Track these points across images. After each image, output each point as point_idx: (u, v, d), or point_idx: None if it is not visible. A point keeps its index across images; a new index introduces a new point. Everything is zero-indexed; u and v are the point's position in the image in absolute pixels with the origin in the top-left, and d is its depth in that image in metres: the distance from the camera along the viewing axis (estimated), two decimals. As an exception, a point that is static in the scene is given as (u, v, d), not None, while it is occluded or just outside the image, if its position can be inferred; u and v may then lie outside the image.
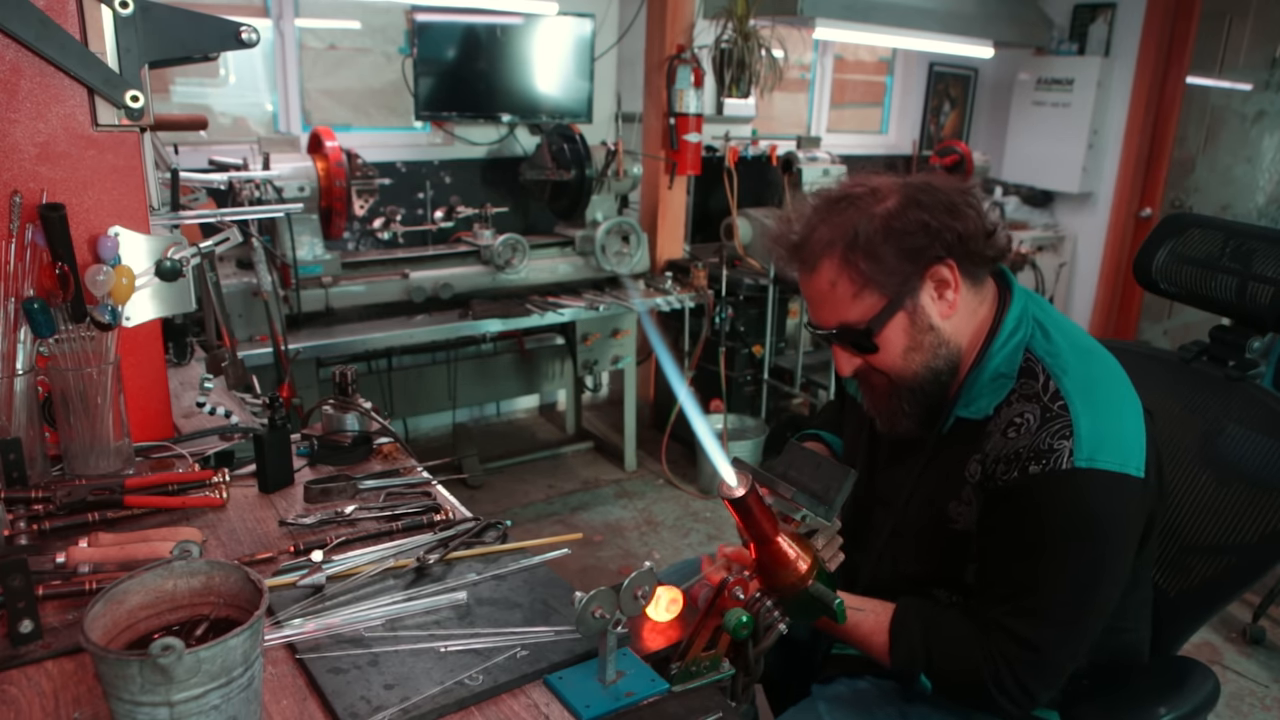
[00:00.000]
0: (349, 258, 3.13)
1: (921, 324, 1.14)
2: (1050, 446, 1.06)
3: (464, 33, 3.54)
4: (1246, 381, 1.43)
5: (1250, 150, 4.40)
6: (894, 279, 1.11)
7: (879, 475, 1.32)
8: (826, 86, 5.09)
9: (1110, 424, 1.08)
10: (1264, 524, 1.33)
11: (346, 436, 1.51)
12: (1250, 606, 2.86)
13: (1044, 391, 1.10)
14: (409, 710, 0.91)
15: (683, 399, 1.34)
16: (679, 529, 3.45)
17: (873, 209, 1.12)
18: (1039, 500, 1.07)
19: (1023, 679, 1.10)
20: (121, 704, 0.75)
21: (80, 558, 1.08)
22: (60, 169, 1.29)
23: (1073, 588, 1.09)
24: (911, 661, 1.15)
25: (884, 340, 1.14)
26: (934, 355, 1.15)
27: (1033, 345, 1.15)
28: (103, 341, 1.30)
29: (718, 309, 3.73)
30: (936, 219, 1.10)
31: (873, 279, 1.11)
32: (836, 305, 1.14)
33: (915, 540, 1.25)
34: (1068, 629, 1.10)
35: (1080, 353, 1.15)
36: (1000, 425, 1.12)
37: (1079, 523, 1.06)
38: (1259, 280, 1.40)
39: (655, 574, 0.98)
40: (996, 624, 1.11)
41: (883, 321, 1.13)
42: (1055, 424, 1.07)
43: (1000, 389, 1.14)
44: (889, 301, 1.12)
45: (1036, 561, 1.09)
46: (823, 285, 1.14)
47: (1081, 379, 1.11)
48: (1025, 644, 1.09)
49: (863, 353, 1.17)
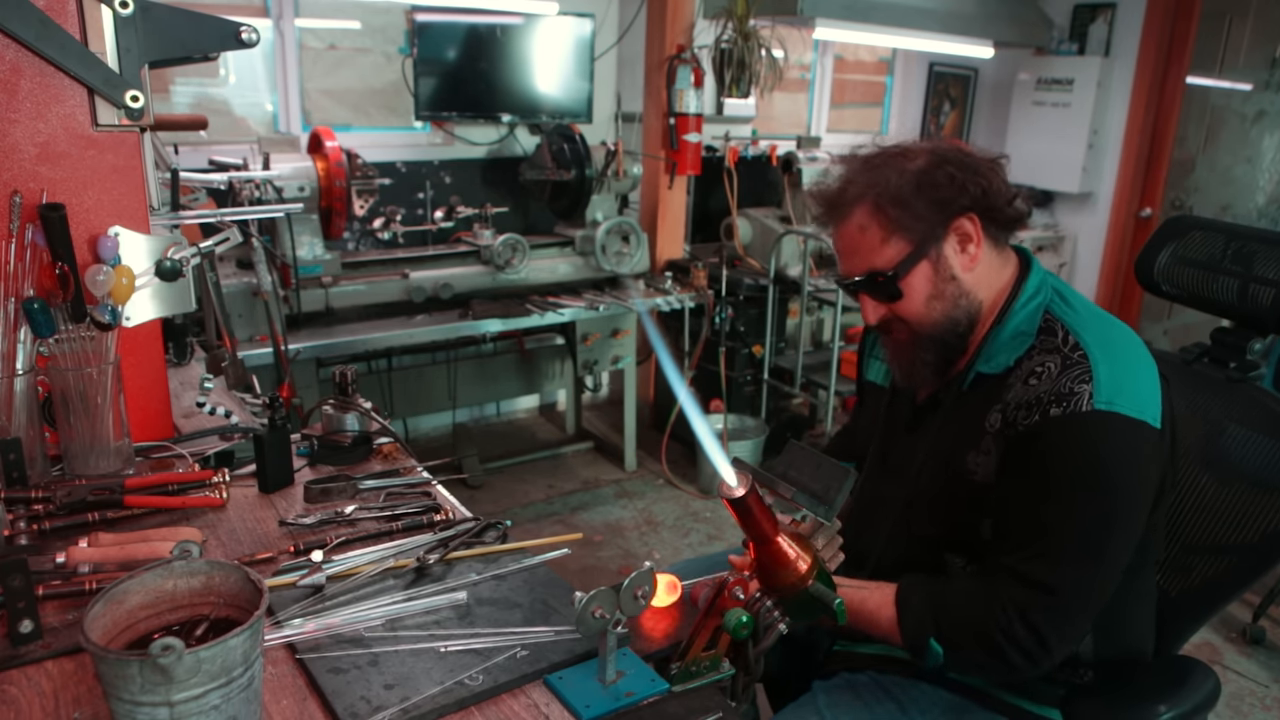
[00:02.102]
0: (349, 258, 3.13)
1: (944, 273, 1.19)
2: (1070, 390, 1.09)
3: (464, 33, 3.54)
4: (1248, 383, 1.43)
5: (1250, 150, 4.40)
6: (920, 226, 1.17)
7: (894, 446, 1.35)
8: (826, 86, 5.09)
9: (1128, 374, 1.12)
10: (1265, 524, 1.33)
11: (346, 436, 1.51)
12: (1250, 606, 2.86)
13: (1064, 344, 1.15)
14: (409, 710, 0.91)
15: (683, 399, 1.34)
16: (679, 529, 3.45)
17: (904, 165, 1.19)
18: (1058, 441, 1.09)
19: (1036, 624, 1.10)
20: (121, 704, 0.75)
21: (80, 558, 1.08)
22: (60, 169, 1.29)
23: (1090, 532, 1.10)
24: (920, 627, 1.16)
25: (908, 287, 1.19)
26: (955, 305, 1.20)
27: (1052, 307, 1.20)
28: (103, 341, 1.30)
29: (718, 309, 3.73)
30: (963, 174, 1.17)
31: (900, 226, 1.17)
32: (866, 252, 1.20)
33: (930, 504, 1.26)
34: (1082, 573, 1.11)
35: (1097, 317, 1.19)
36: (1021, 376, 1.16)
37: (1097, 466, 1.09)
38: (1260, 282, 1.41)
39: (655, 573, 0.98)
40: (1010, 571, 1.12)
41: (908, 267, 1.18)
42: (1075, 370, 1.11)
43: (1020, 345, 1.18)
44: (914, 248, 1.18)
45: (1053, 504, 1.11)
46: (853, 231, 1.21)
47: (1100, 335, 1.15)
48: (1041, 586, 1.10)
49: (888, 300, 1.21)
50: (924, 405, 1.31)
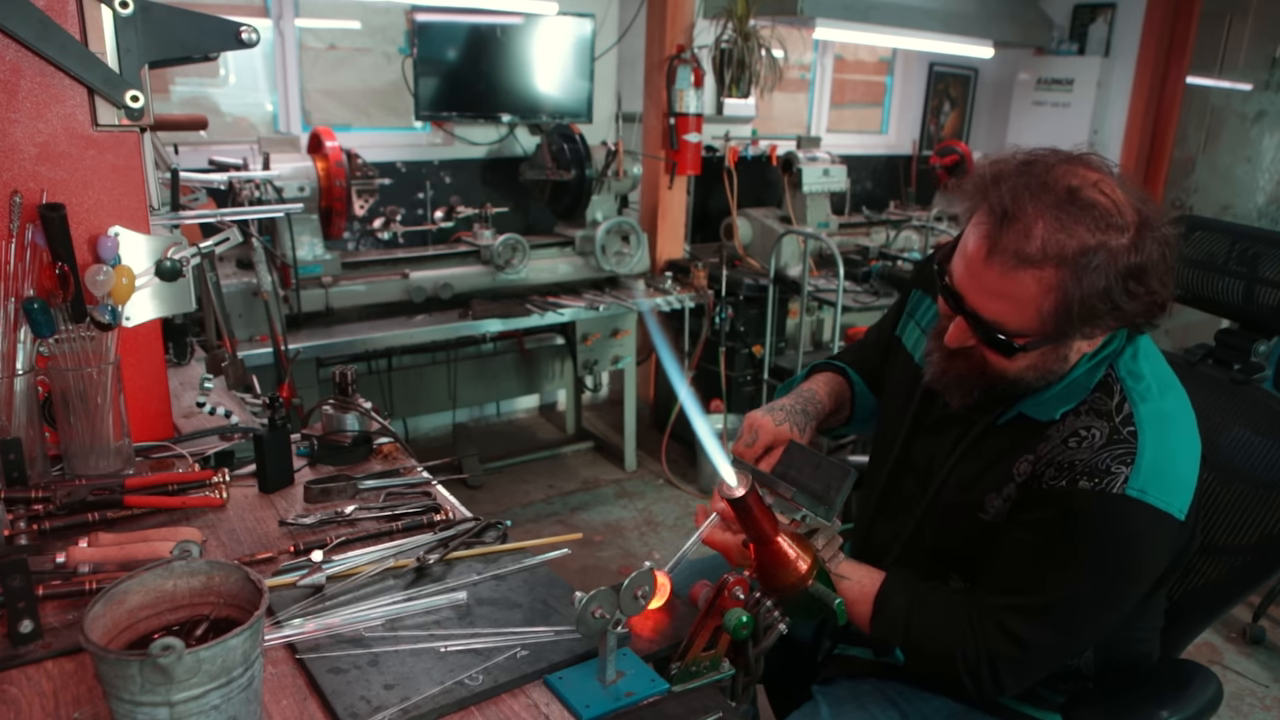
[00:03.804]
0: (349, 258, 3.13)
1: (1059, 354, 1.09)
2: (1108, 469, 1.04)
3: (464, 33, 3.54)
4: (1251, 385, 1.44)
5: (1250, 150, 4.40)
6: (1082, 321, 1.03)
7: (917, 442, 1.30)
8: (826, 86, 5.09)
9: (1171, 462, 1.06)
10: (1266, 525, 1.33)
11: (346, 436, 1.51)
12: (1250, 607, 2.86)
13: (1116, 412, 1.08)
14: (409, 710, 0.91)
15: (683, 399, 1.34)
16: (679, 529, 3.44)
17: (1110, 244, 0.99)
18: (1079, 513, 1.05)
19: (998, 672, 1.10)
20: (121, 704, 0.75)
21: (80, 558, 1.08)
22: (60, 169, 1.29)
23: (1080, 604, 1.09)
24: (890, 633, 1.16)
25: (1021, 354, 1.07)
26: (1043, 375, 1.10)
27: (1117, 364, 1.12)
28: (103, 341, 1.30)
29: (718, 309, 3.73)
30: (1153, 289, 1.02)
31: (1063, 320, 1.02)
32: (1006, 302, 1.03)
33: (940, 518, 1.24)
34: (1059, 640, 1.11)
35: (1162, 383, 1.12)
36: (1063, 433, 1.09)
37: (1110, 548, 1.06)
38: (1265, 284, 1.41)
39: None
40: (993, 614, 1.11)
41: (1035, 346, 1.06)
42: (1119, 448, 1.05)
43: (1073, 397, 1.11)
44: (1057, 334, 1.05)
45: (1055, 569, 1.08)
46: (1007, 282, 1.02)
47: (1158, 411, 1.08)
48: (1016, 640, 1.09)
49: (988, 346, 1.08)
50: (954, 414, 1.23)
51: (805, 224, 3.94)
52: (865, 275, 3.83)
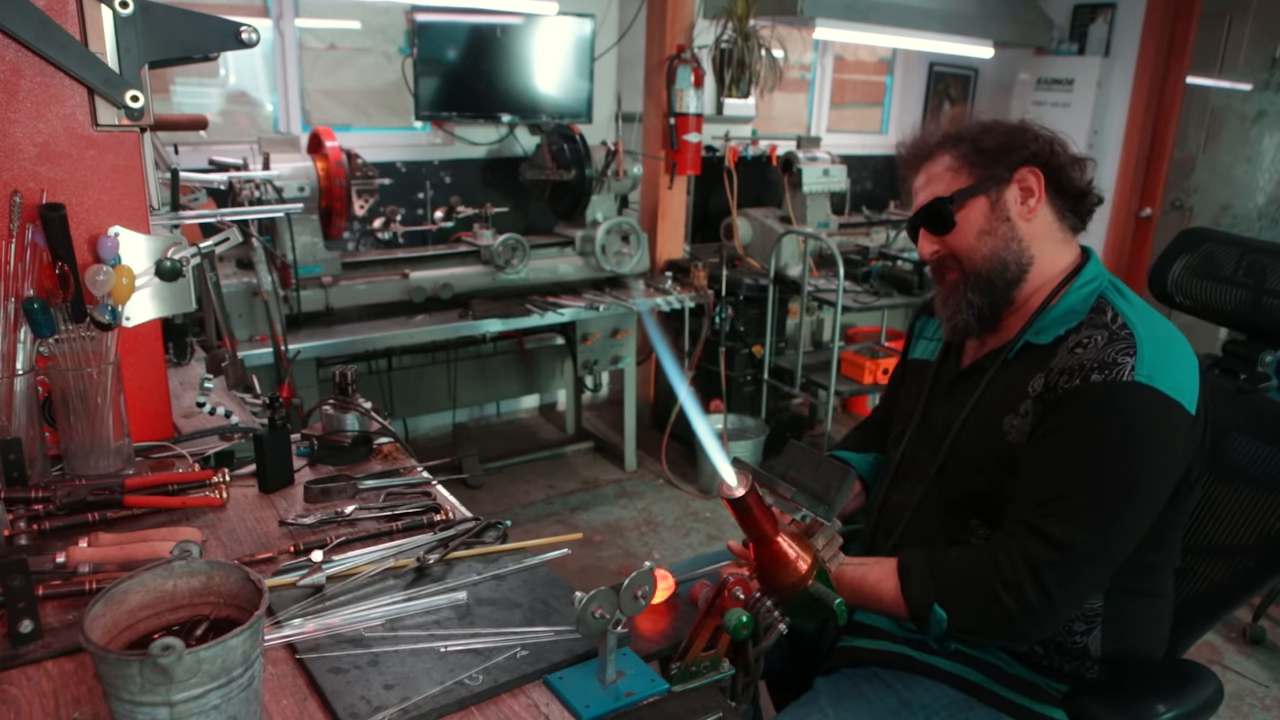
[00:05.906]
0: (349, 258, 3.13)
1: (1000, 213, 1.27)
2: (1114, 360, 1.13)
3: (464, 33, 3.54)
4: (1257, 393, 1.45)
5: (1250, 150, 4.40)
6: (985, 162, 1.27)
7: (934, 411, 1.39)
8: (826, 86, 5.09)
9: (1171, 359, 1.15)
10: (1266, 526, 1.34)
11: (346, 436, 1.51)
12: (1250, 607, 2.86)
13: (1112, 322, 1.19)
14: (409, 710, 0.91)
15: (683, 399, 1.36)
16: (679, 529, 3.45)
17: (987, 121, 1.33)
18: (1093, 404, 1.13)
19: (1044, 578, 1.12)
20: (121, 704, 0.75)
21: (80, 558, 1.08)
22: (60, 169, 1.29)
23: (1107, 497, 1.12)
24: (924, 590, 1.18)
25: (963, 218, 1.27)
26: (1004, 246, 1.27)
27: (1106, 294, 1.25)
28: (103, 341, 1.30)
29: (718, 309, 3.73)
30: (1035, 133, 1.29)
31: (969, 161, 1.28)
32: (934, 183, 1.31)
33: (963, 466, 1.29)
34: (1094, 540, 1.12)
35: (1149, 311, 1.23)
36: (1068, 346, 1.20)
37: (1128, 433, 1.11)
38: (1272, 295, 1.44)
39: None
40: (1025, 524, 1.14)
41: (966, 196, 1.27)
42: (1120, 344, 1.15)
43: (1070, 321, 1.23)
44: (976, 182, 1.27)
45: (1078, 466, 1.13)
46: (929, 168, 1.32)
47: (1148, 323, 1.19)
48: (1053, 542, 1.12)
49: (942, 231, 1.29)
50: (967, 371, 1.35)
51: (805, 224, 3.94)
52: (865, 275, 3.83)
